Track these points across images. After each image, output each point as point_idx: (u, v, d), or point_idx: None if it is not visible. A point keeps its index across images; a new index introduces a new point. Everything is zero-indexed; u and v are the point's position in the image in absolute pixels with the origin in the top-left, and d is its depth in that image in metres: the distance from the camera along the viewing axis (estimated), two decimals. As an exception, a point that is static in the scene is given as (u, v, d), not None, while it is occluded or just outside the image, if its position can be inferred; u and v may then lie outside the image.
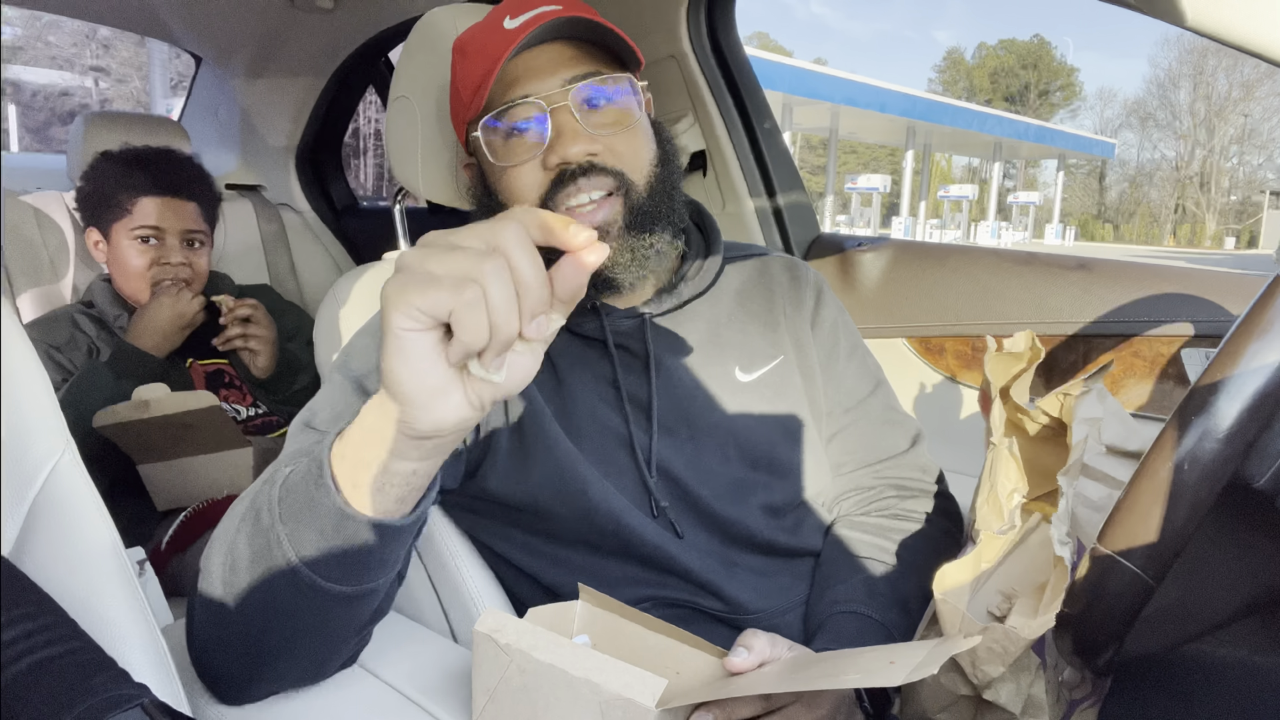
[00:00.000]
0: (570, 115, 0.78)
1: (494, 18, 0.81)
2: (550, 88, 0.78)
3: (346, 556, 0.56)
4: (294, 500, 0.56)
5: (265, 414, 1.56)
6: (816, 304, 0.95)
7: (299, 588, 0.57)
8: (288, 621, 0.59)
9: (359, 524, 0.54)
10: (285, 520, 0.56)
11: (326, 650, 0.64)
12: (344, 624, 0.62)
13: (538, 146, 0.79)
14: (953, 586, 0.68)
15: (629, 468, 0.83)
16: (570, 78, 0.78)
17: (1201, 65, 45.54)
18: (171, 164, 1.55)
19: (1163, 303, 1.19)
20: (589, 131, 0.78)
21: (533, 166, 0.80)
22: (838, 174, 30.94)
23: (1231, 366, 0.56)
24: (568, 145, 0.77)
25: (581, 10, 0.79)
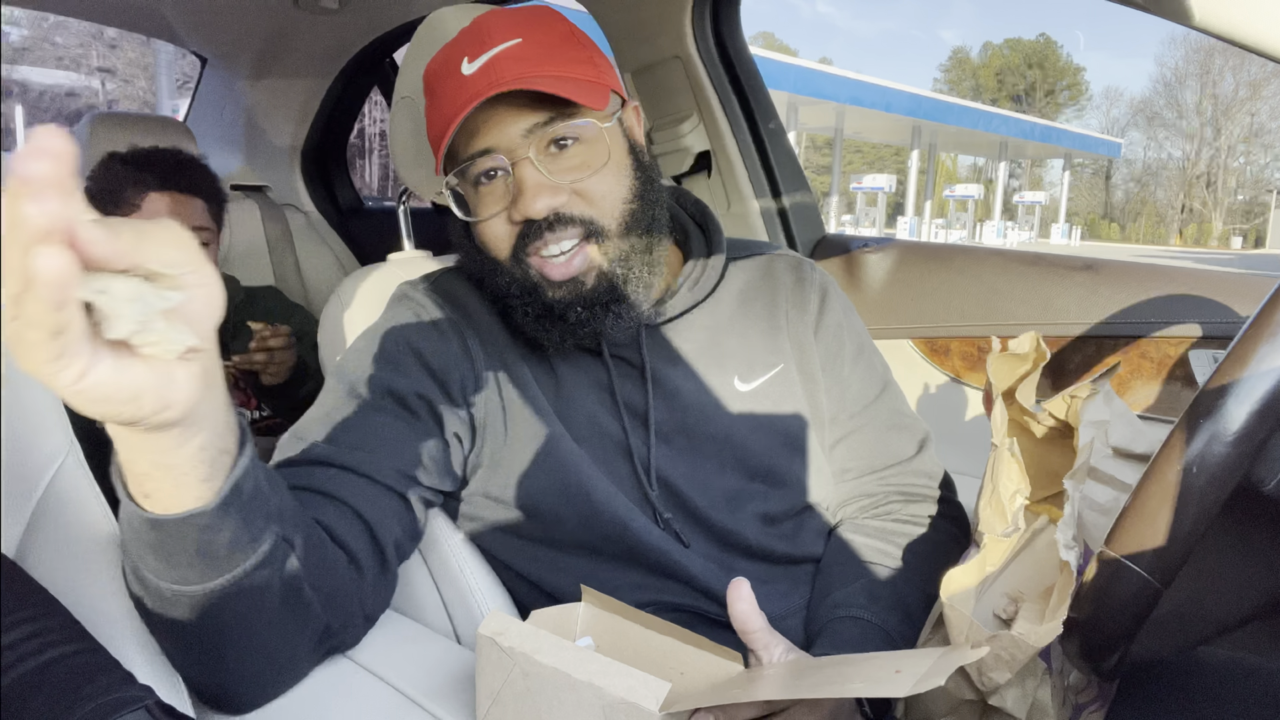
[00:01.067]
0: (532, 167, 0.76)
1: (454, 54, 0.79)
2: (511, 138, 0.77)
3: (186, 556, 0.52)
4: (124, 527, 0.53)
5: (269, 417, 1.56)
6: (821, 307, 0.92)
7: (172, 600, 0.54)
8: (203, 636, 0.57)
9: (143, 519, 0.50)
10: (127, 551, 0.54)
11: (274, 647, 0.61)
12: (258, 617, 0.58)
13: (505, 198, 0.79)
14: (959, 591, 0.68)
15: (629, 475, 0.83)
16: (530, 127, 0.76)
17: (1208, 64, 45.40)
18: (179, 162, 1.56)
19: (1170, 304, 1.18)
20: (553, 181, 0.77)
21: (500, 221, 0.79)
22: (843, 174, 30.91)
23: (1240, 369, 0.55)
24: (530, 201, 0.76)
25: (539, 48, 0.77)
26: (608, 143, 0.80)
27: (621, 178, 0.81)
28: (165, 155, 1.56)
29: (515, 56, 0.76)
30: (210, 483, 0.49)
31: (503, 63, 0.76)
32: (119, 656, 0.53)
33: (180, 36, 2.15)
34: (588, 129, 0.78)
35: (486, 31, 0.78)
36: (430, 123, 0.83)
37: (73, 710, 0.46)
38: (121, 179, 1.50)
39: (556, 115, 0.77)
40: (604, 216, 0.79)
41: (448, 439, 0.80)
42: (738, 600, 0.66)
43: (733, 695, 0.56)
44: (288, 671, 0.66)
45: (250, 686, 0.63)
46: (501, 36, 0.77)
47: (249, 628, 0.58)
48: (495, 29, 0.78)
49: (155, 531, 0.50)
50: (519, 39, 0.77)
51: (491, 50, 0.77)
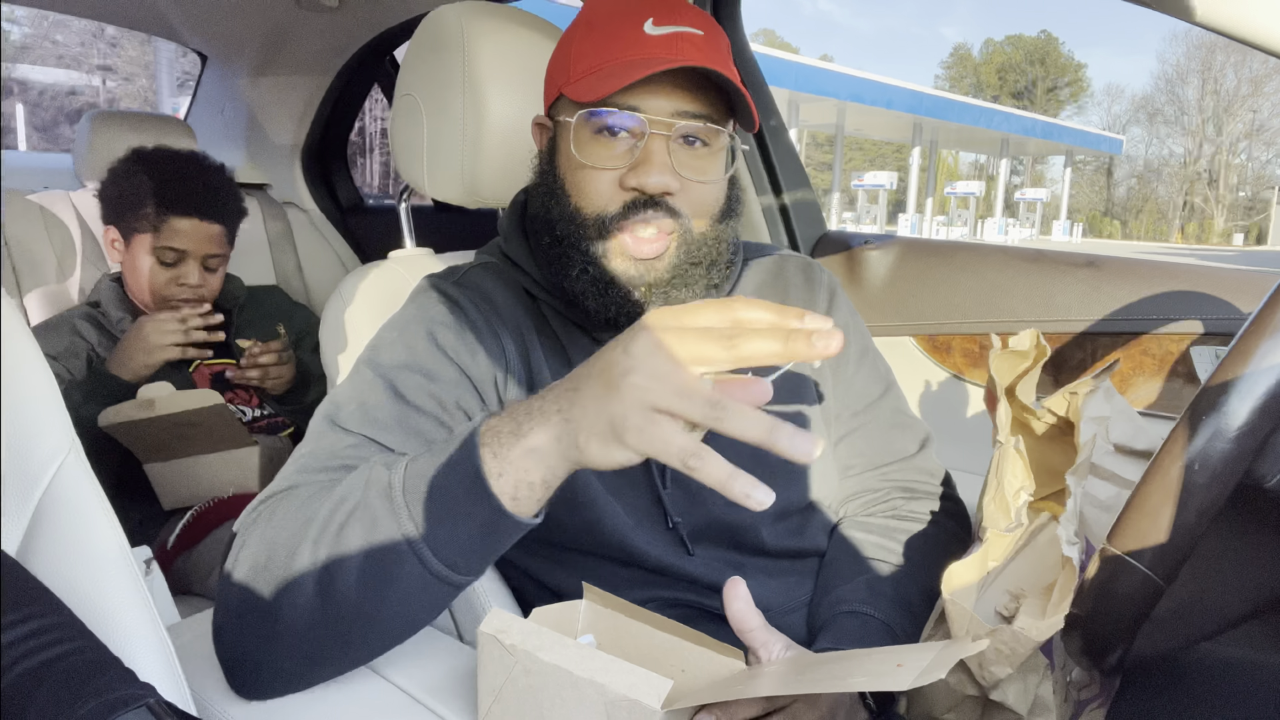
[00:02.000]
0: (665, 146, 0.77)
1: (638, 9, 0.79)
2: (660, 111, 0.77)
3: (485, 553, 0.63)
4: (433, 507, 0.61)
5: (271, 415, 1.56)
6: (829, 307, 0.94)
7: (425, 584, 0.62)
8: (395, 614, 0.63)
9: (514, 526, 0.61)
10: (420, 526, 0.61)
11: (406, 635, 0.67)
12: (440, 611, 0.67)
13: (623, 159, 0.78)
14: (960, 586, 0.68)
15: (642, 478, 0.83)
16: (681, 111, 0.77)
17: (1210, 61, 45.33)
18: (207, 182, 1.52)
19: (1171, 300, 1.18)
20: (675, 168, 0.78)
21: (612, 177, 0.79)
22: (844, 171, 30.88)
23: (1242, 365, 0.55)
24: (652, 173, 0.76)
25: (717, 52, 0.78)
26: (726, 158, 0.82)
27: (720, 196, 0.83)
28: (194, 172, 1.52)
29: (700, 45, 0.78)
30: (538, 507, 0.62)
31: (688, 43, 0.77)
32: (120, 654, 0.53)
33: (181, 34, 2.15)
34: (722, 139, 0.80)
35: (676, 7, 0.80)
36: (583, 53, 0.81)
37: (74, 708, 0.46)
38: (145, 190, 1.47)
39: (709, 115, 0.78)
40: (696, 221, 0.80)
41: None
42: (734, 599, 0.67)
43: (734, 692, 0.56)
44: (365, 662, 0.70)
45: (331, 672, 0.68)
46: (689, 20, 0.79)
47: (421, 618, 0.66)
48: (684, 10, 0.80)
49: (499, 526, 0.60)
50: (703, 31, 0.79)
51: (679, 26, 0.78)
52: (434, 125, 1.02)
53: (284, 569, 0.63)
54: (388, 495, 0.62)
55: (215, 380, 1.54)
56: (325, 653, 0.65)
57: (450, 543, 0.61)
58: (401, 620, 0.64)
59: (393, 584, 0.62)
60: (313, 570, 0.62)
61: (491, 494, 0.59)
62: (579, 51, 0.81)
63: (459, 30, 0.99)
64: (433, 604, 0.65)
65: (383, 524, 0.61)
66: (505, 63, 1.00)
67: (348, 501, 0.64)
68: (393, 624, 0.64)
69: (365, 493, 0.63)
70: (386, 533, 0.61)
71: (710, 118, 0.78)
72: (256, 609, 0.64)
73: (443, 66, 1.00)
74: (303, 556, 0.63)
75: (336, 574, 0.62)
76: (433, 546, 0.61)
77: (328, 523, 0.63)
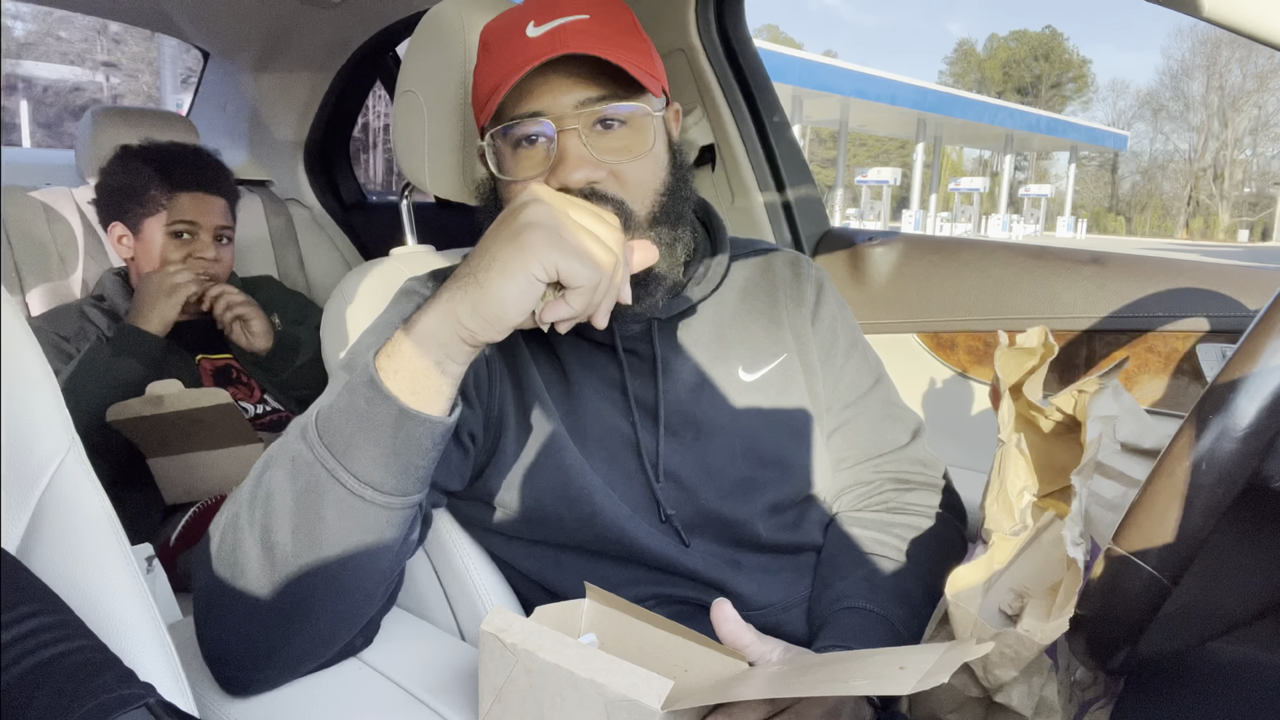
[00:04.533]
0: (578, 139, 0.76)
1: (519, 18, 0.80)
2: (562, 107, 0.76)
3: (406, 462, 0.63)
4: (342, 426, 0.62)
5: (273, 411, 1.56)
6: (817, 300, 0.94)
7: (353, 509, 0.62)
8: (337, 556, 0.63)
9: (419, 423, 0.62)
10: (335, 450, 0.62)
11: (363, 592, 0.67)
12: (386, 553, 0.66)
13: (543, 164, 0.78)
14: (964, 588, 0.67)
15: (636, 472, 0.83)
16: (583, 99, 0.76)
17: (1215, 56, 45.17)
18: (201, 161, 1.57)
19: (1177, 297, 1.18)
20: (595, 157, 0.77)
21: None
22: (848, 167, 30.82)
23: (1250, 364, 0.55)
24: (570, 170, 0.76)
25: (606, 28, 0.77)
26: (653, 132, 0.80)
27: (658, 169, 0.81)
28: (188, 154, 1.56)
29: (582, 30, 0.77)
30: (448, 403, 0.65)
31: (570, 32, 0.76)
32: (120, 654, 0.53)
33: (184, 31, 2.15)
34: (637, 114, 0.79)
35: (556, 2, 0.79)
36: (480, 79, 0.82)
37: (74, 707, 0.46)
38: (145, 177, 1.50)
39: (611, 94, 0.77)
40: (636, 202, 0.79)
41: (463, 441, 0.79)
42: (723, 622, 0.67)
43: (736, 693, 0.56)
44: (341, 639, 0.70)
45: (305, 654, 0.68)
46: (570, 9, 0.78)
47: (372, 567, 0.66)
48: (565, 1, 0.79)
49: (404, 426, 0.61)
50: (587, 15, 0.78)
51: (560, 19, 0.77)
52: (435, 122, 1.02)
53: (231, 545, 0.64)
54: (302, 435, 0.64)
55: (217, 375, 1.54)
56: (288, 622, 0.65)
57: (364, 458, 0.62)
58: (346, 564, 0.64)
59: (323, 520, 0.62)
60: (252, 532, 0.63)
61: (388, 394, 0.61)
62: (479, 76, 0.82)
63: (460, 26, 0.99)
64: (371, 535, 0.64)
65: (301, 461, 0.63)
66: (507, 59, 0.99)
67: (273, 457, 0.65)
68: (339, 571, 0.64)
69: (284, 441, 0.65)
70: (306, 468, 0.63)
71: (614, 95, 0.77)
72: (220, 595, 0.64)
73: (444, 62, 1.00)
74: (241, 524, 0.64)
75: (273, 528, 0.63)
76: (348, 465, 0.62)
77: (257, 483, 0.64)
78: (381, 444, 0.62)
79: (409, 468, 0.64)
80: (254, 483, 0.65)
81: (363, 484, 0.62)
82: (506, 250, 0.61)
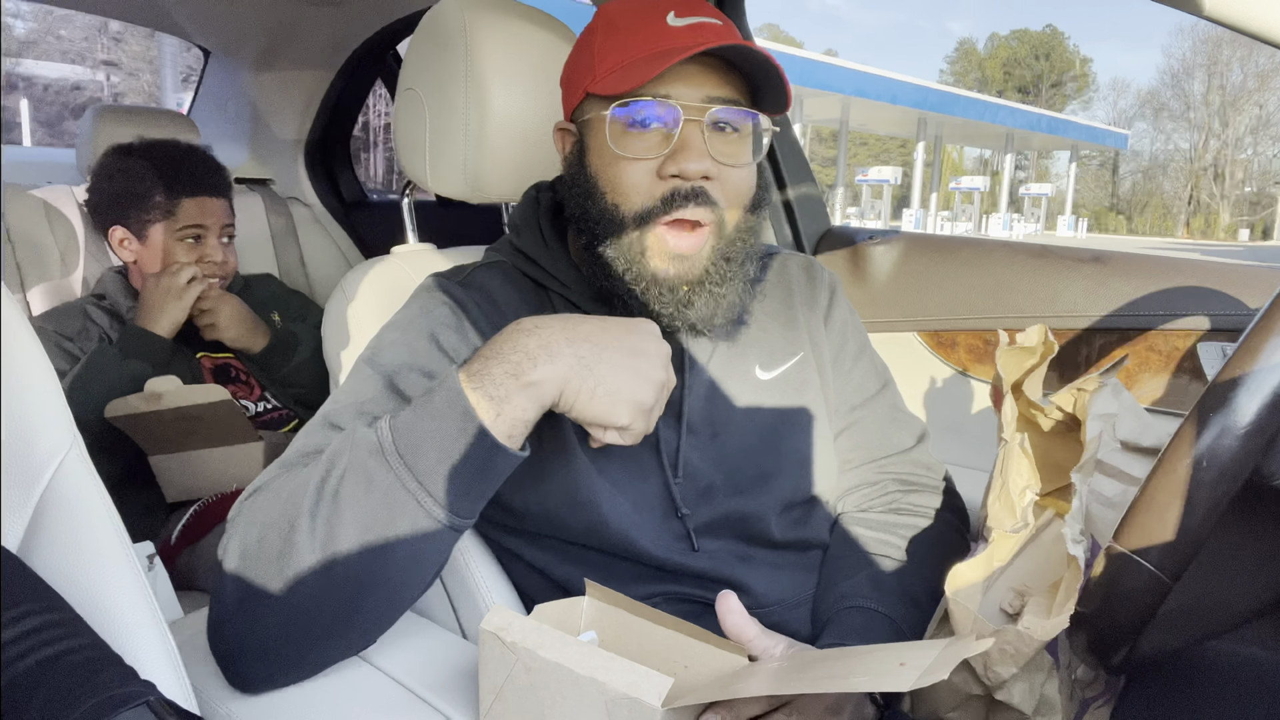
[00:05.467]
0: (700, 132, 0.77)
1: (653, 6, 0.80)
2: (691, 98, 0.77)
3: (484, 490, 0.67)
4: (427, 452, 0.63)
5: (273, 409, 1.56)
6: (830, 303, 0.96)
7: (425, 529, 0.64)
8: (398, 568, 0.65)
9: (508, 459, 0.65)
10: (418, 472, 0.63)
11: (407, 599, 0.69)
12: (438, 566, 0.69)
13: (659, 148, 0.78)
14: (965, 586, 0.67)
15: (653, 470, 0.83)
16: (711, 96, 0.77)
17: (1216, 55, 45.11)
18: (202, 163, 1.56)
19: (1178, 296, 1.18)
20: (710, 155, 0.77)
21: (648, 168, 0.78)
22: (848, 166, 30.79)
23: (1251, 362, 0.55)
24: (690, 159, 0.76)
25: (737, 39, 0.78)
26: (760, 145, 0.82)
27: (752, 183, 0.82)
28: (187, 155, 1.55)
29: (720, 32, 0.78)
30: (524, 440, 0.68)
31: (710, 30, 0.78)
32: (121, 652, 0.53)
33: (184, 30, 2.14)
34: (755, 124, 0.80)
35: (695, 1, 0.80)
36: (606, 49, 0.81)
37: (75, 705, 0.46)
38: (147, 181, 1.49)
39: (736, 99, 0.79)
40: (730, 211, 0.80)
41: None
42: (727, 614, 0.67)
43: (737, 689, 0.56)
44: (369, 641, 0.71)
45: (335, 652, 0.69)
46: (708, 11, 0.80)
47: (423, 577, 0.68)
48: (702, 3, 0.81)
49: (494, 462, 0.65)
50: (722, 22, 0.80)
51: (701, 17, 0.79)
52: (436, 120, 1.02)
53: (280, 545, 0.64)
54: (379, 451, 0.64)
55: (218, 373, 1.55)
56: (331, 626, 0.65)
57: (450, 487, 0.64)
58: (406, 577, 0.66)
59: (397, 537, 0.63)
60: (311, 539, 0.63)
61: (489, 434, 0.63)
62: (603, 50, 0.81)
63: (461, 24, 0.99)
64: (436, 554, 0.67)
65: (378, 479, 0.63)
66: (508, 57, 0.99)
67: (337, 466, 0.65)
68: (398, 583, 0.66)
69: (353, 454, 0.65)
70: (384, 487, 0.63)
71: (739, 101, 0.79)
72: (256, 593, 0.64)
73: (445, 61, 1.00)
74: (300, 529, 0.63)
75: (338, 538, 0.63)
76: (433, 493, 0.63)
77: (321, 490, 0.64)
78: (470, 474, 0.64)
79: (484, 494, 0.67)
80: (315, 490, 0.65)
81: (442, 508, 0.64)
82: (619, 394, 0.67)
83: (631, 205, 0.79)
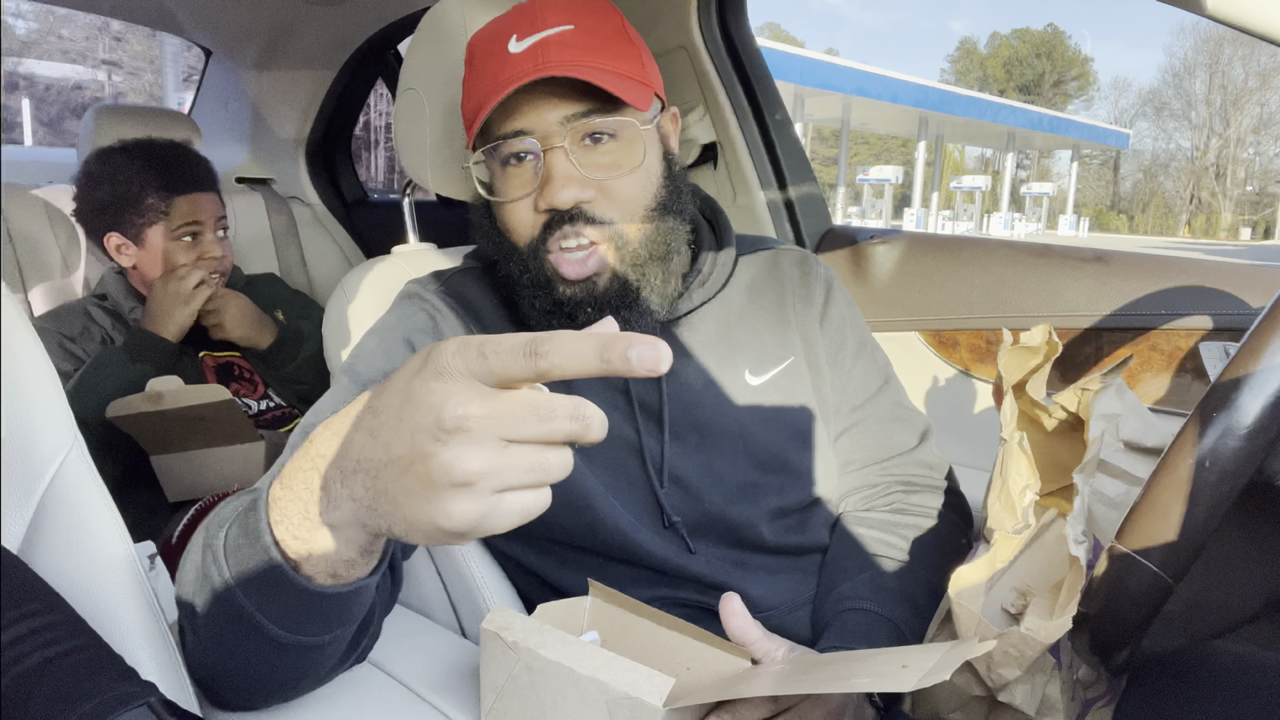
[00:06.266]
0: (565, 157, 0.75)
1: (503, 29, 0.78)
2: (548, 124, 0.75)
3: (328, 617, 0.54)
4: (251, 578, 0.51)
5: (276, 407, 1.56)
6: (826, 300, 0.93)
7: (285, 646, 0.54)
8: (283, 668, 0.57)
9: (345, 598, 0.52)
10: (253, 599, 0.52)
11: (316, 674, 0.62)
12: (338, 647, 0.59)
13: (532, 182, 0.77)
14: (967, 587, 0.67)
15: (639, 478, 0.82)
16: (569, 115, 0.75)
17: (1218, 54, 45.06)
18: (188, 159, 1.55)
19: (1180, 295, 1.17)
20: (582, 174, 0.75)
21: (525, 205, 0.78)
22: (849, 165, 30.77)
23: (1254, 362, 0.55)
24: (557, 191, 0.75)
25: (593, 39, 0.76)
26: (644, 144, 0.79)
27: (650, 183, 0.80)
28: (173, 154, 1.54)
29: (565, 42, 0.75)
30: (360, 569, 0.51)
31: (552, 47, 0.75)
32: (122, 653, 0.53)
33: (186, 29, 2.14)
34: (626, 128, 0.77)
35: (539, 13, 0.77)
36: (467, 95, 0.81)
37: (75, 706, 0.46)
38: (136, 185, 1.48)
39: (597, 108, 0.76)
40: (626, 219, 0.78)
41: None
42: (730, 616, 0.67)
43: (738, 691, 0.56)
44: (315, 686, 0.66)
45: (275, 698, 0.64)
46: (554, 20, 0.76)
47: (305, 667, 0.59)
48: (549, 11, 0.77)
49: (324, 604, 0.51)
50: (571, 25, 0.76)
51: (542, 32, 0.75)
52: (437, 119, 1.02)
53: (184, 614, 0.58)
54: (215, 562, 0.53)
55: (220, 371, 1.55)
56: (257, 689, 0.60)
57: (286, 616, 0.52)
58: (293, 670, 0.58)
59: (258, 649, 0.55)
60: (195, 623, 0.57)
61: (303, 582, 0.49)
62: (468, 93, 0.81)
63: (462, 24, 0.98)
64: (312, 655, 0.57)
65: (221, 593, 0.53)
66: (509, 56, 0.99)
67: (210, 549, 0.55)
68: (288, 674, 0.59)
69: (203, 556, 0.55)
70: (228, 601, 0.53)
71: (599, 110, 0.76)
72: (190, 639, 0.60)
73: (446, 60, 1.00)
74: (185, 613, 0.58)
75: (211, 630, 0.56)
76: (271, 618, 0.52)
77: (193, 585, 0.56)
78: (300, 609, 0.52)
79: (338, 617, 0.54)
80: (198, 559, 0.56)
81: (288, 633, 0.53)
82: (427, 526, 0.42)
83: (522, 239, 0.79)
